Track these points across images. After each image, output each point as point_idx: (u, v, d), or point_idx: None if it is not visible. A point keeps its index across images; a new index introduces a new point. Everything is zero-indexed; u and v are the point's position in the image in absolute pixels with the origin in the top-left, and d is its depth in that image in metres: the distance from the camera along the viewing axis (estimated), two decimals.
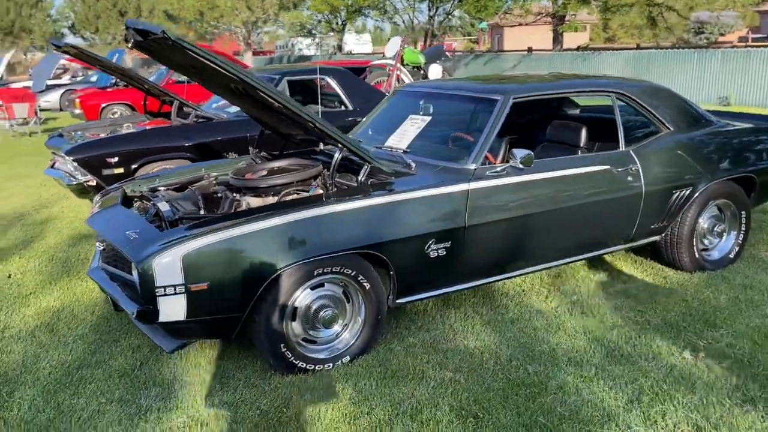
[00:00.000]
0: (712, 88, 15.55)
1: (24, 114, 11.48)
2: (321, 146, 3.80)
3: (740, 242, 4.42)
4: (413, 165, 3.48)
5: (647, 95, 4.12)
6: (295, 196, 3.39)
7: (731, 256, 4.39)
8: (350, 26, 34.98)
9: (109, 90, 12.94)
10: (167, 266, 2.70)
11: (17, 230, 5.86)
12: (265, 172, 3.62)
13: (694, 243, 4.17)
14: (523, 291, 4.02)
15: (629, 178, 3.80)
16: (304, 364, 3.03)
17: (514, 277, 3.80)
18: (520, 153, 3.38)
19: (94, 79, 15.29)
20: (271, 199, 3.39)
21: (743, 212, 4.37)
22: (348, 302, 3.13)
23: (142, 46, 2.97)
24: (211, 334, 3.10)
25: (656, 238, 4.13)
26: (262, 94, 3.02)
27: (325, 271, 2.99)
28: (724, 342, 3.24)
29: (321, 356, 3.10)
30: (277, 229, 2.87)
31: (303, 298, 3.01)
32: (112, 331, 3.56)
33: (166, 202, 3.33)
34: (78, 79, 20.82)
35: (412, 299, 3.34)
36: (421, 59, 8.49)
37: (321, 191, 3.34)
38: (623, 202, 3.80)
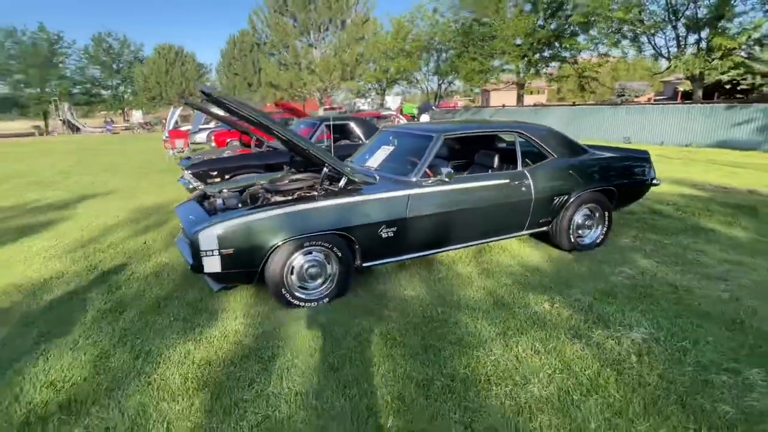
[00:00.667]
0: (619, 131, 14.85)
1: (181, 146, 11.91)
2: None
3: (605, 232, 4.22)
4: (378, 177, 3.46)
5: (539, 134, 3.97)
6: (298, 196, 3.37)
7: (598, 241, 4.19)
8: (389, 90, 34.78)
9: (230, 130, 13.29)
10: (207, 238, 2.77)
11: (157, 215, 6.02)
12: (287, 182, 3.62)
13: (571, 232, 4.01)
14: (453, 260, 3.93)
15: (523, 189, 3.68)
16: (298, 302, 3.06)
17: (446, 251, 3.74)
18: (445, 170, 3.34)
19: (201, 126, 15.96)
20: (287, 198, 3.39)
21: (606, 213, 4.17)
22: (328, 264, 3.13)
23: (210, 101, 2.98)
24: (239, 281, 3.11)
25: (546, 228, 3.99)
26: (274, 131, 3.05)
27: (312, 243, 3.00)
28: (574, 297, 3.11)
29: (311, 297, 3.11)
30: (278, 217, 2.91)
31: (298, 260, 3.03)
32: (190, 279, 3.62)
33: (222, 199, 3.39)
34: (219, 124, 21.42)
35: (374, 263, 3.32)
36: (415, 111, 8.45)
37: (315, 193, 3.31)
38: (519, 204, 3.69)
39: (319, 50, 22.91)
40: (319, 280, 3.15)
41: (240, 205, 3.34)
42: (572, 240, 4.04)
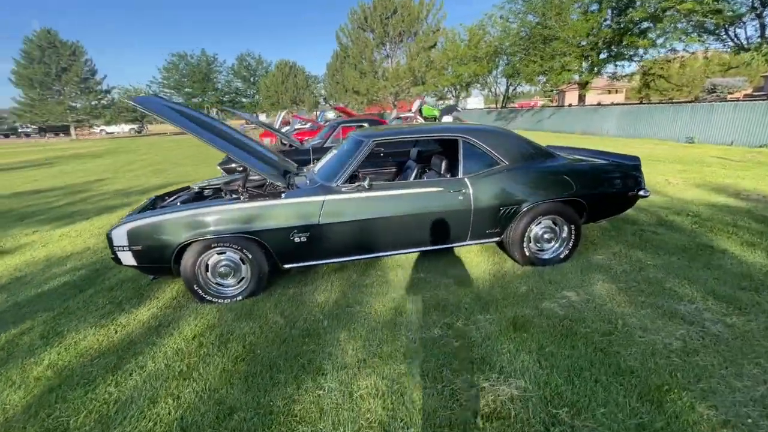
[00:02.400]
0: (682, 130, 12.01)
1: (267, 144, 12.38)
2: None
3: (570, 248, 3.21)
4: (308, 182, 2.97)
5: (487, 138, 3.09)
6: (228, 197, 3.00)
7: (561, 257, 3.20)
8: (463, 93, 33.06)
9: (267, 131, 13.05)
10: (118, 235, 2.57)
11: None
12: (238, 183, 3.29)
13: (525, 245, 3.10)
14: (396, 265, 3.30)
15: (460, 198, 2.90)
16: (211, 299, 2.75)
17: (379, 257, 3.09)
18: (366, 178, 2.73)
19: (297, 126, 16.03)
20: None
21: (573, 226, 3.16)
22: (243, 264, 2.76)
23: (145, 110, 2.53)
24: (161, 274, 2.82)
25: (497, 239, 3.13)
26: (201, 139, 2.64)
27: (221, 244, 2.65)
28: (478, 325, 2.34)
29: (225, 294, 2.79)
30: (183, 218, 2.60)
31: (213, 259, 2.71)
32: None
33: (181, 200, 3.16)
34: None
35: (294, 266, 2.86)
36: (436, 113, 7.57)
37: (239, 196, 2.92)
38: (455, 214, 2.91)
39: (392, 59, 22.33)
40: (233, 279, 2.80)
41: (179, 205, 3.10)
42: (527, 254, 3.13)
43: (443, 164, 3.20)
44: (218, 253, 2.72)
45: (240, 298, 2.78)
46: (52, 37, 34.89)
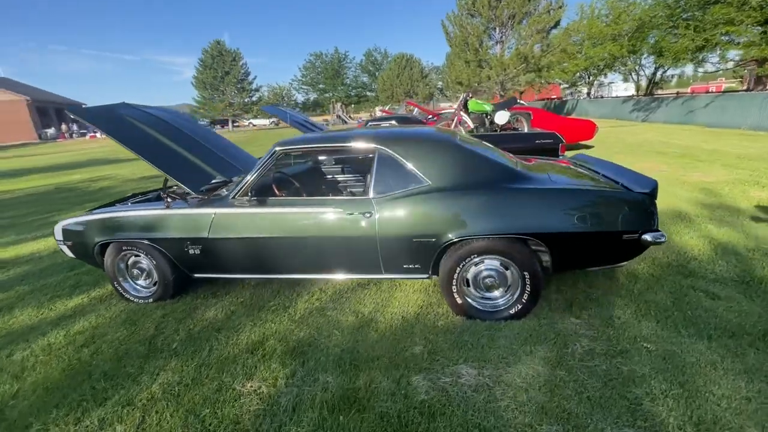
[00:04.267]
0: None
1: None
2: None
3: (524, 302, 2.33)
4: (223, 193, 2.85)
5: (409, 150, 2.42)
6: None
7: (511, 312, 2.34)
8: (597, 79, 28.60)
9: None
10: (56, 231, 2.93)
11: None
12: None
13: (454, 289, 2.38)
14: (322, 288, 2.95)
15: (363, 223, 2.38)
16: (129, 297, 2.92)
17: (271, 278, 2.83)
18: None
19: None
20: None
21: (526, 273, 2.28)
22: (154, 269, 2.84)
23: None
24: (94, 265, 3.00)
25: (423, 276, 2.48)
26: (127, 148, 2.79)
27: (129, 249, 2.79)
28: (296, 386, 1.87)
29: (140, 295, 2.92)
30: (99, 221, 2.81)
31: (131, 261, 2.88)
32: None
33: (132, 201, 3.35)
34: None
35: (202, 276, 2.81)
36: (486, 107, 6.41)
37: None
38: (359, 241, 2.40)
39: (502, 46, 20.24)
40: (146, 281, 2.92)
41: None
42: (458, 301, 2.41)
43: (357, 180, 2.69)
44: (135, 256, 2.86)
45: (151, 300, 2.89)
46: (220, 46, 43.10)
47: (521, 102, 11.50)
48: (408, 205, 2.34)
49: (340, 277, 2.61)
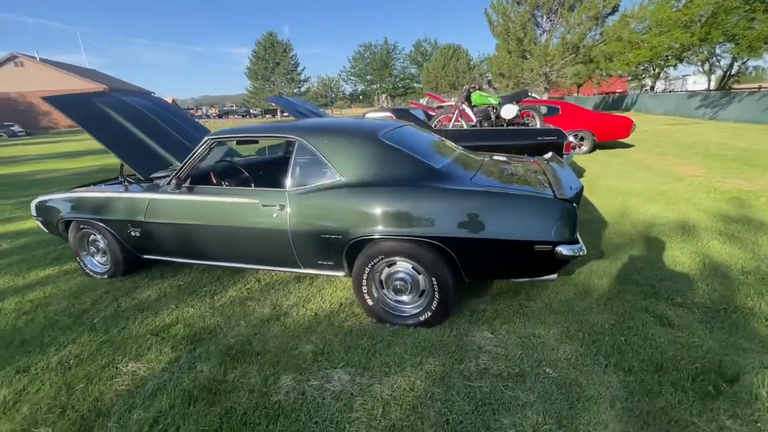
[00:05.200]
0: None
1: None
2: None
3: (434, 309, 2.16)
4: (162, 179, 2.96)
5: (325, 142, 2.32)
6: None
7: (421, 319, 2.19)
8: (664, 71, 26.05)
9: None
10: (32, 207, 3.24)
11: None
12: None
13: (364, 290, 2.27)
14: (259, 278, 2.97)
15: (275, 216, 2.34)
16: (89, 272, 3.14)
17: (215, 265, 2.76)
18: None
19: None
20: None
21: (433, 279, 2.10)
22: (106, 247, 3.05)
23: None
24: (66, 240, 3.22)
25: (339, 273, 2.39)
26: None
27: (86, 227, 3.00)
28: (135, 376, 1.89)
29: (97, 270, 3.12)
30: (61, 200, 3.04)
31: (90, 238, 3.09)
32: None
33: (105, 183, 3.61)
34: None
35: (149, 257, 2.94)
36: (492, 100, 5.94)
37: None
38: (273, 234, 2.36)
39: (546, 35, 18.81)
40: (103, 259, 3.12)
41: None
42: (369, 302, 2.30)
43: (281, 172, 2.64)
44: (93, 234, 3.08)
45: (105, 276, 3.10)
46: (273, 38, 44.86)
47: (533, 95, 10.67)
48: (319, 200, 2.26)
49: (261, 268, 2.62)
